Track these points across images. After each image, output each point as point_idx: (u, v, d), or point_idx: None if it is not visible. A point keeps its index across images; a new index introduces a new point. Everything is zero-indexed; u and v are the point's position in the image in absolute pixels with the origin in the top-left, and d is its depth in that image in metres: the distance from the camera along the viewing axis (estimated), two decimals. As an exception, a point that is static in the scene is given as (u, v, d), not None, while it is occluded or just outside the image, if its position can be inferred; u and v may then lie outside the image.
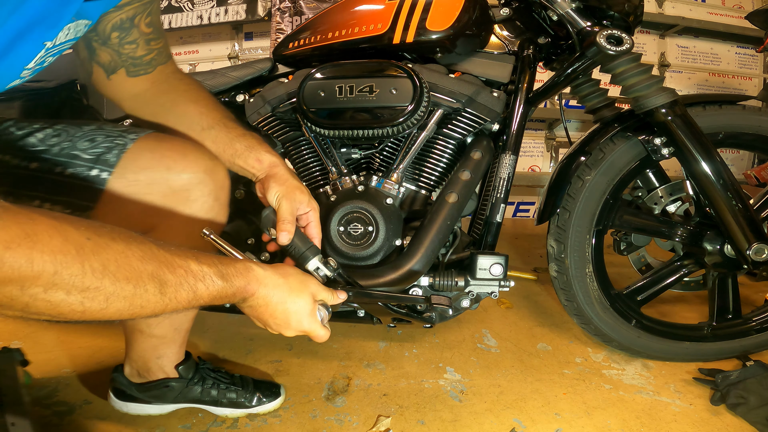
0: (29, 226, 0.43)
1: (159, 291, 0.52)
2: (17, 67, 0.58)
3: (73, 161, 0.76)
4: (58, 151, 0.76)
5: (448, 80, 1.10)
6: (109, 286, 0.48)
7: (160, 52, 0.86)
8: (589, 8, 1.09)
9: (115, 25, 0.78)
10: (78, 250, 0.45)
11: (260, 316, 0.68)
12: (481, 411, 1.08)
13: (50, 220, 0.45)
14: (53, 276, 0.44)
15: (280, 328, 0.69)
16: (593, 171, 1.18)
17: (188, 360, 1.02)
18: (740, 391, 1.08)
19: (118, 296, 0.49)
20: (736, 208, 1.11)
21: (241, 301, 0.65)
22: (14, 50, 0.54)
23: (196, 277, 0.56)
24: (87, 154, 0.77)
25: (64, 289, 0.45)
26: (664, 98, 1.09)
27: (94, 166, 0.76)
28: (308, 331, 0.70)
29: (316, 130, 1.08)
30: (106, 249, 0.48)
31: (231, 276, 0.61)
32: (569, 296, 1.25)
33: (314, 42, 1.19)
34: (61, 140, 0.77)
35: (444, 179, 1.15)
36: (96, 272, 0.47)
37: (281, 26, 2.58)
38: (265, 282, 0.65)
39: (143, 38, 0.82)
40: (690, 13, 3.00)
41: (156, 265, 0.52)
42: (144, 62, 0.84)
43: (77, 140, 0.78)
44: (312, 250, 0.81)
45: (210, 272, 0.58)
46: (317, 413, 1.05)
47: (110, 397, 1.03)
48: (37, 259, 0.43)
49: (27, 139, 0.76)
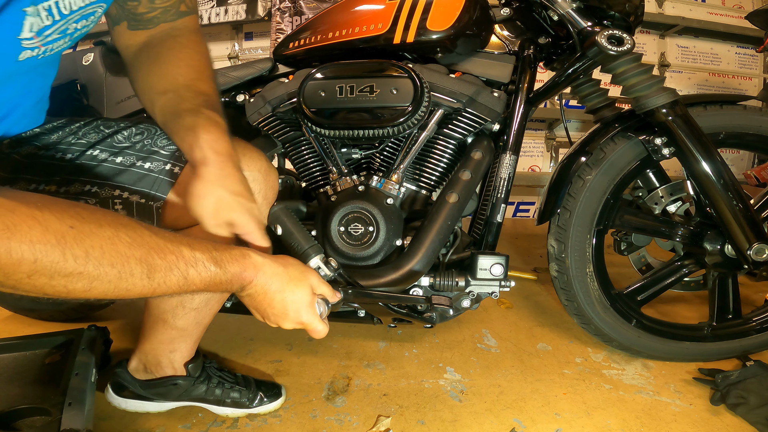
0: (8, 217, 0.45)
1: (146, 275, 0.54)
2: (9, 39, 0.58)
3: (153, 156, 0.80)
4: (140, 147, 0.81)
5: (449, 80, 1.10)
6: (92, 270, 0.50)
7: (167, 10, 0.82)
8: (590, 8, 1.09)
9: None
10: (59, 239, 0.48)
11: (258, 306, 0.67)
12: (481, 411, 1.08)
13: (33, 210, 0.47)
14: (33, 264, 0.46)
15: (278, 319, 0.68)
16: (594, 171, 1.18)
17: (197, 358, 1.03)
18: (740, 391, 1.08)
19: (102, 280, 0.51)
20: (736, 208, 1.11)
21: (239, 290, 0.65)
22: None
23: (187, 263, 0.57)
24: (165, 150, 0.81)
25: (46, 275, 0.47)
26: (664, 98, 1.09)
27: (169, 161, 0.80)
28: (306, 324, 0.69)
29: (316, 130, 1.08)
30: (90, 236, 0.50)
31: (225, 262, 0.61)
32: (570, 296, 1.25)
33: (314, 42, 1.18)
34: (144, 138, 0.83)
35: (444, 179, 1.15)
36: (78, 258, 0.49)
37: (281, 26, 2.58)
38: (264, 269, 0.65)
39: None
40: (690, 13, 3.00)
41: (145, 250, 0.54)
42: (144, 19, 0.81)
43: (157, 138, 0.83)
44: (314, 248, 0.81)
45: (203, 258, 0.59)
46: (317, 413, 1.05)
47: (108, 391, 1.02)
48: (15, 249, 0.45)
49: (115, 136, 0.82)
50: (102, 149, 0.80)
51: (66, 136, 0.81)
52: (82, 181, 0.77)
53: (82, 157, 0.79)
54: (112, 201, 0.76)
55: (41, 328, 1.35)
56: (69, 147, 0.79)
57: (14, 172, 0.75)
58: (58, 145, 0.79)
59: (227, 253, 0.62)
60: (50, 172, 0.76)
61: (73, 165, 0.77)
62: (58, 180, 0.76)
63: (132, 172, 0.79)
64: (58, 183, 0.76)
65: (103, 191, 0.76)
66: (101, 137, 0.81)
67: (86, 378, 0.87)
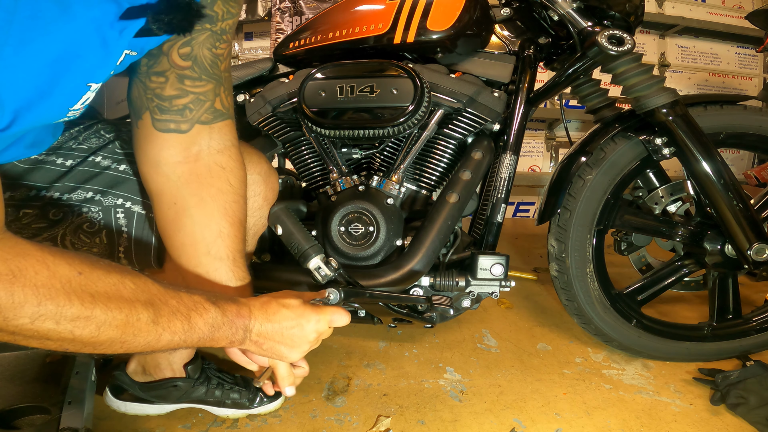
0: (15, 262, 0.45)
1: (152, 320, 0.53)
2: (62, 108, 0.58)
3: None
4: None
5: (449, 80, 1.10)
6: (100, 314, 0.49)
7: (200, 101, 0.68)
8: (590, 8, 1.09)
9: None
10: (64, 284, 0.47)
11: (269, 344, 0.65)
12: (481, 411, 1.08)
13: (44, 255, 0.47)
14: (37, 307, 0.46)
15: (294, 348, 0.66)
16: (594, 170, 1.18)
17: (197, 360, 1.02)
18: (740, 391, 1.08)
19: (110, 324, 0.50)
20: (736, 208, 1.11)
21: (243, 333, 0.63)
22: (56, 91, 0.54)
23: (188, 306, 0.57)
24: None
25: (52, 319, 0.47)
26: (665, 98, 1.09)
27: None
28: (323, 332, 0.68)
29: (316, 130, 1.08)
30: (97, 281, 0.50)
31: (222, 303, 0.61)
32: (570, 296, 1.25)
33: (315, 42, 1.19)
34: None
35: (445, 179, 1.15)
36: (85, 302, 0.48)
37: (281, 26, 2.58)
38: (259, 306, 0.64)
39: (175, 72, 0.66)
40: (690, 13, 3.00)
41: (149, 295, 0.54)
42: (174, 109, 0.67)
43: None
44: (314, 248, 0.81)
45: (201, 299, 0.59)
46: (317, 413, 1.05)
47: (107, 395, 1.02)
48: (18, 293, 0.45)
49: (116, 142, 0.80)
50: (104, 156, 0.79)
51: (66, 140, 0.79)
52: (85, 188, 0.76)
53: (84, 163, 0.77)
54: (114, 210, 0.76)
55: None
56: (70, 152, 0.78)
57: (15, 179, 0.74)
58: (59, 150, 0.78)
59: (223, 298, 0.62)
60: (51, 179, 0.76)
61: (74, 171, 0.76)
62: (60, 187, 0.75)
63: (135, 181, 0.77)
64: (60, 190, 0.75)
65: (106, 199, 0.76)
66: (103, 143, 0.80)
67: (86, 377, 0.87)
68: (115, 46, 0.56)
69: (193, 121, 0.68)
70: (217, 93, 0.69)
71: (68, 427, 0.76)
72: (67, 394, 0.82)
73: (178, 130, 0.68)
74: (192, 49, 0.66)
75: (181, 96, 0.67)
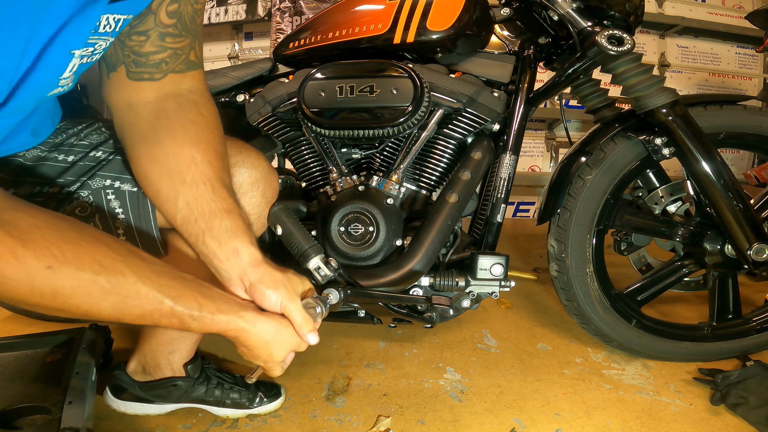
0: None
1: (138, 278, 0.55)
2: (51, 78, 0.58)
3: None
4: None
5: (449, 80, 1.10)
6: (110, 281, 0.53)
7: (177, 55, 0.69)
8: (590, 8, 1.09)
9: None
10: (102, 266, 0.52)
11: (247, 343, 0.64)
12: (481, 411, 1.08)
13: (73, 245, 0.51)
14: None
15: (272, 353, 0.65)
16: (594, 171, 1.18)
17: (196, 359, 1.02)
18: (740, 391, 1.08)
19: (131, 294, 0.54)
20: (736, 208, 1.11)
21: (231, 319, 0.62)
22: (42, 62, 0.54)
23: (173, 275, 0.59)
24: None
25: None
26: (665, 98, 1.09)
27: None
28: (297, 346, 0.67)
29: (316, 130, 1.08)
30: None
31: (216, 297, 0.62)
32: (570, 296, 1.25)
33: (315, 42, 1.19)
34: None
35: (444, 179, 1.15)
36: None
37: (281, 26, 2.58)
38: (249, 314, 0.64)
39: (158, 31, 0.66)
40: (690, 13, 3.00)
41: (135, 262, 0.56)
42: (150, 63, 0.68)
43: None
44: (314, 248, 0.81)
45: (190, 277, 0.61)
46: (317, 413, 1.05)
47: (107, 394, 1.02)
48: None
49: (111, 139, 0.80)
50: (104, 150, 0.80)
51: (68, 137, 0.81)
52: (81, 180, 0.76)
53: (85, 158, 0.79)
54: (104, 192, 0.76)
55: (42, 328, 1.35)
56: (71, 149, 0.79)
57: (18, 175, 0.75)
58: (60, 147, 0.79)
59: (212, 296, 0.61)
60: (54, 175, 0.76)
61: (76, 166, 0.77)
62: (62, 182, 0.76)
63: (119, 160, 0.77)
64: (60, 185, 0.76)
65: (93, 182, 0.76)
66: (103, 139, 0.81)
67: (87, 377, 0.87)
68: (92, 9, 0.55)
69: (167, 72, 0.69)
70: (192, 47, 0.70)
71: (69, 427, 0.76)
72: (68, 394, 0.82)
73: (151, 79, 0.69)
74: (179, 6, 0.66)
75: (159, 52, 0.68)
